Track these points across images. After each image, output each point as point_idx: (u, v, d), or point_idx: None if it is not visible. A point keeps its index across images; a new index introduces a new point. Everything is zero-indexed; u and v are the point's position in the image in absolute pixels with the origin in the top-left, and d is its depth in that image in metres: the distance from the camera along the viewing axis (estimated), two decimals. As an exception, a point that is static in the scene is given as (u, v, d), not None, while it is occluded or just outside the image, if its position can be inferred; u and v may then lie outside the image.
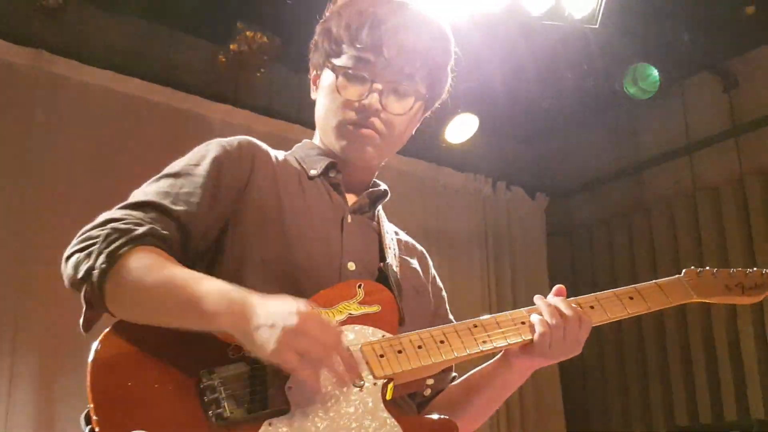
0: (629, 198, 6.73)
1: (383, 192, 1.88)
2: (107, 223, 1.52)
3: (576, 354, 1.67)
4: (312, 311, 1.40)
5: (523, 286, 6.73)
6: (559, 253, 7.11)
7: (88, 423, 1.42)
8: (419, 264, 1.93)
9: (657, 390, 6.25)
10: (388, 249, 1.79)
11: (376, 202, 1.87)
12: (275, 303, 1.41)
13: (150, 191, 1.62)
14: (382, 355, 1.55)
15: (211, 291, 1.44)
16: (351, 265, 1.71)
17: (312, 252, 1.67)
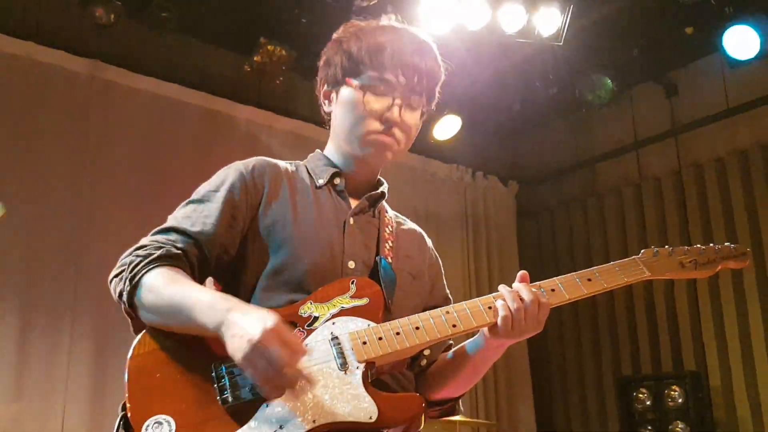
0: (585, 186, 6.72)
1: (381, 194, 1.84)
2: (135, 251, 1.57)
3: (538, 332, 1.61)
4: (276, 327, 1.37)
5: (497, 259, 6.72)
6: (527, 232, 7.12)
7: (123, 410, 1.47)
8: (418, 246, 1.90)
9: (606, 345, 6.28)
10: (384, 243, 1.76)
11: (375, 203, 1.83)
12: (249, 316, 1.40)
13: (178, 216, 1.66)
14: (364, 342, 1.53)
15: (203, 302, 1.46)
16: (351, 264, 1.68)
17: (316, 256, 1.65)
